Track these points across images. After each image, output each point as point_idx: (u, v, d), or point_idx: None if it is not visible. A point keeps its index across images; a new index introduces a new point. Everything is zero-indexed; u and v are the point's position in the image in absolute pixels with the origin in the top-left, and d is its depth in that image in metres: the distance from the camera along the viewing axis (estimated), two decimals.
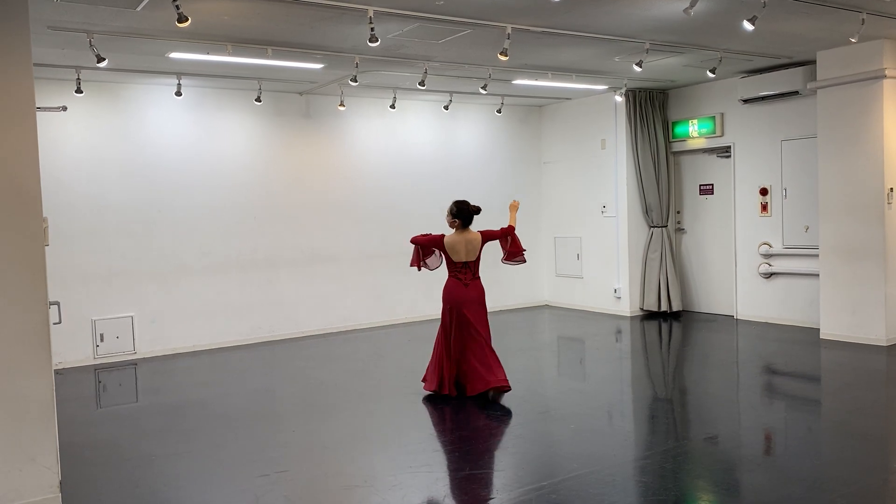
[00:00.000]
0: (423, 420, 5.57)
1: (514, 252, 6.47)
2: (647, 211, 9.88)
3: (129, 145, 8.10)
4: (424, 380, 6.22)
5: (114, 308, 7.97)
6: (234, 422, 5.56)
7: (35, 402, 3.95)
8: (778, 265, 8.94)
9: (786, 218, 8.81)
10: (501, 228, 6.41)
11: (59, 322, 4.50)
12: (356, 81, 7.54)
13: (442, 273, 6.52)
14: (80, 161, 7.84)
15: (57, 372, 6.12)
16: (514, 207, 6.67)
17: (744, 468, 4.39)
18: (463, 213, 6.14)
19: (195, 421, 5.62)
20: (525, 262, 6.71)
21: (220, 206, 8.61)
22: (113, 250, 7.99)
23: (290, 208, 9.08)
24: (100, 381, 7.27)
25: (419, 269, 6.38)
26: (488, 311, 6.32)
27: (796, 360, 7.30)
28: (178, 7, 4.94)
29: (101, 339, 7.93)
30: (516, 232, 6.53)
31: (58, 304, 4.45)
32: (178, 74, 7.73)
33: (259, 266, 8.88)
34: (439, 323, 6.23)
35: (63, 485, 4.15)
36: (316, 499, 4.12)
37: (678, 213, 10.18)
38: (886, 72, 7.28)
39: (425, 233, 6.38)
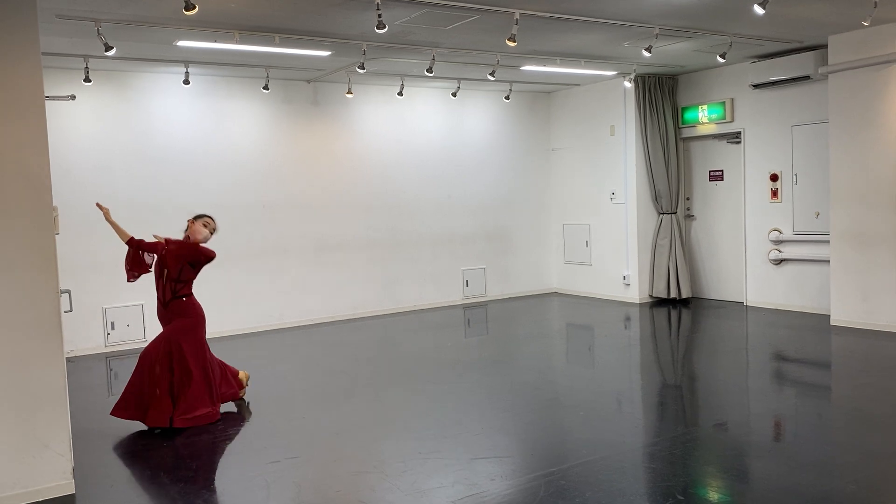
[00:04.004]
0: (432, 406, 5.58)
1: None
2: (656, 197, 9.84)
3: (137, 134, 8.12)
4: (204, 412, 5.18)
5: (124, 296, 8.00)
6: (243, 408, 5.59)
7: (48, 389, 3.99)
8: (788, 251, 8.90)
9: (796, 204, 8.75)
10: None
11: (71, 310, 4.53)
12: (364, 69, 7.51)
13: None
14: (90, 150, 7.87)
15: (69, 360, 6.17)
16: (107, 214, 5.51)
17: (753, 455, 4.38)
18: None
19: None
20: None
21: (229, 194, 8.62)
22: None
23: (298, 196, 9.08)
24: (111, 369, 7.32)
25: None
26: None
27: (806, 346, 7.28)
28: None
29: (113, 327, 7.98)
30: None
31: (69, 292, 4.48)
32: (186, 63, 7.72)
33: (268, 254, 8.90)
34: (200, 347, 5.32)
35: (76, 471, 4.19)
36: (326, 485, 4.15)
37: (688, 199, 10.13)
38: None
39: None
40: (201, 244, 5.39)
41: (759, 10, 5.72)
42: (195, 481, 4.25)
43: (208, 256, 5.37)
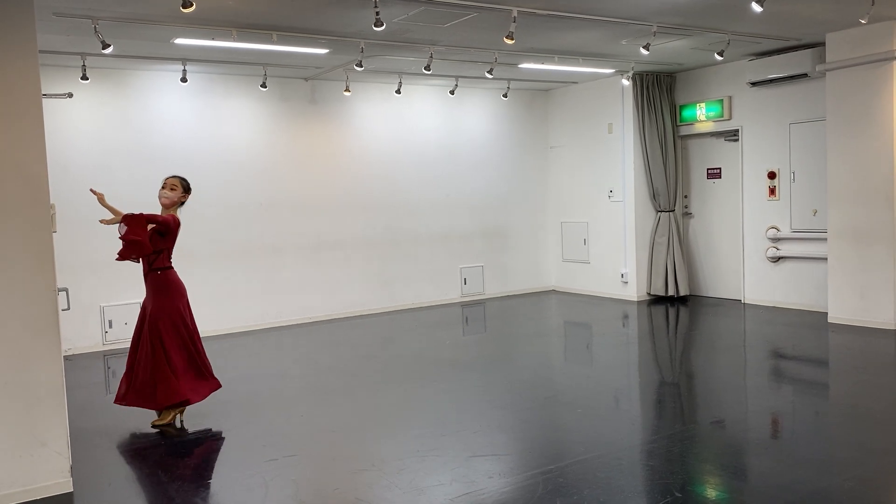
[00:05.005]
0: (430, 404, 5.58)
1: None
2: (654, 195, 9.84)
3: (134, 132, 8.11)
4: (179, 394, 5.05)
5: (122, 294, 8.00)
6: (242, 407, 5.58)
7: (45, 387, 3.98)
8: (786, 249, 8.91)
9: (794, 201, 8.76)
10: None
11: (68, 308, 4.51)
12: (361, 66, 7.51)
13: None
14: (87, 148, 7.85)
15: (66, 358, 6.17)
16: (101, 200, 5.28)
17: (751, 452, 4.39)
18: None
19: (204, 406, 5.62)
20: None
21: (227, 192, 8.62)
22: None
23: (296, 194, 9.07)
24: (109, 367, 7.31)
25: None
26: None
27: (804, 344, 7.29)
28: None
29: (110, 326, 7.97)
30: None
31: (66, 290, 4.47)
32: (184, 60, 7.72)
33: (265, 252, 8.89)
34: (177, 326, 5.12)
35: (74, 469, 4.19)
36: (324, 483, 4.15)
37: (685, 197, 10.14)
38: None
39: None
40: (163, 213, 5.16)
41: (756, 7, 5.72)
42: (193, 479, 4.25)
43: (164, 223, 5.02)
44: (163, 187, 5.26)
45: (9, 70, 3.88)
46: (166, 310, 5.10)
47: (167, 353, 5.06)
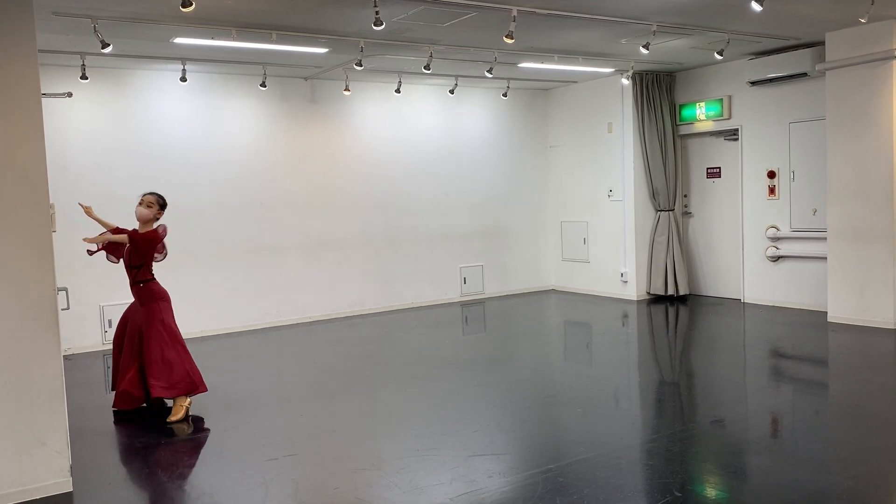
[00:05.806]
0: (430, 403, 5.58)
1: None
2: (653, 195, 9.84)
3: (134, 131, 8.10)
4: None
5: (121, 294, 7.96)
6: (242, 406, 5.59)
7: (45, 387, 3.98)
8: (785, 248, 8.91)
9: (793, 201, 8.76)
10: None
11: (68, 308, 4.53)
12: (361, 66, 7.51)
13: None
14: (86, 147, 7.85)
15: (66, 357, 6.17)
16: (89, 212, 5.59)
17: (751, 451, 4.39)
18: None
19: (203, 406, 5.64)
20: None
21: (226, 191, 8.62)
22: None
23: (295, 193, 9.07)
24: (108, 367, 7.29)
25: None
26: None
27: (804, 343, 7.29)
28: None
29: (110, 325, 7.96)
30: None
31: (66, 289, 4.48)
32: (183, 60, 7.71)
33: (265, 251, 8.89)
34: (161, 328, 5.38)
35: (73, 469, 4.19)
36: (324, 482, 4.15)
37: (685, 196, 10.14)
38: None
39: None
40: (142, 230, 5.38)
41: (756, 6, 5.72)
42: (193, 479, 4.25)
43: (146, 239, 5.30)
44: (139, 204, 5.41)
45: (8, 69, 3.87)
46: (153, 323, 5.35)
47: (175, 345, 5.37)
